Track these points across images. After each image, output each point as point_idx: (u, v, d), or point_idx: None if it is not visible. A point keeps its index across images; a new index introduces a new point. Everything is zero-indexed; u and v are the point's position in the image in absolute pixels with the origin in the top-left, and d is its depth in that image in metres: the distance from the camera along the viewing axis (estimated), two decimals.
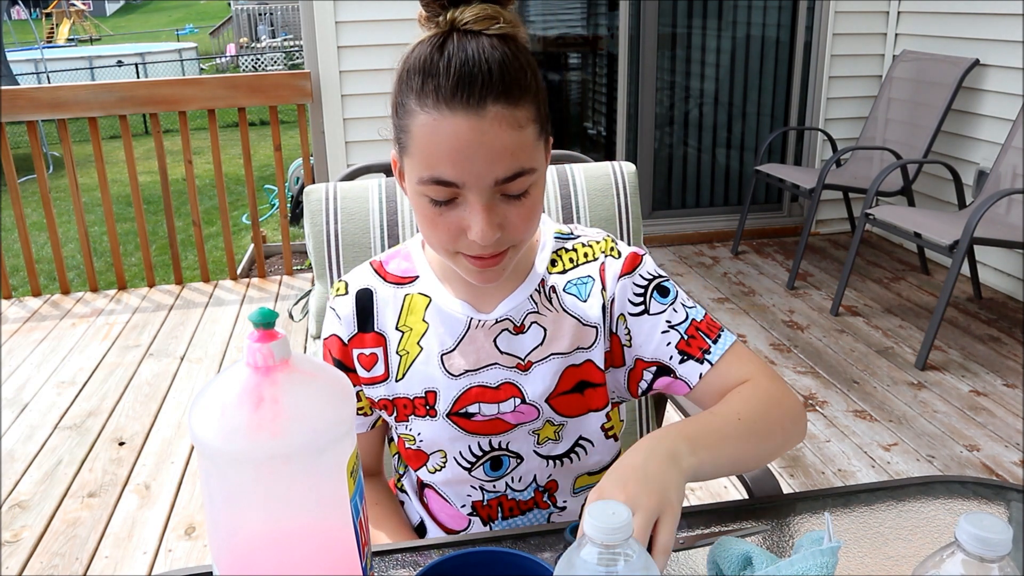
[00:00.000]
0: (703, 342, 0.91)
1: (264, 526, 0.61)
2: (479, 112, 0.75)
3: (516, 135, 0.77)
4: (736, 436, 0.82)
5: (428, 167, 0.78)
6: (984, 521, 0.55)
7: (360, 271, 0.98)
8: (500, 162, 0.77)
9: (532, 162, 0.79)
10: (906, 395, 2.76)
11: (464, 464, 0.94)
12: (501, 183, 0.78)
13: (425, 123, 0.77)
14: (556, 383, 0.92)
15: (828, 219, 4.52)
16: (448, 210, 0.80)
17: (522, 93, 0.77)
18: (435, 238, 0.83)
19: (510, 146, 0.77)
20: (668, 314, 0.92)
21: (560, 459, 0.95)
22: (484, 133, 0.75)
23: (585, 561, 0.56)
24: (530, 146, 0.79)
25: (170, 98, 3.77)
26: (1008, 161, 3.23)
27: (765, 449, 0.85)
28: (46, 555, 2.08)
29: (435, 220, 0.81)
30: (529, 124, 0.78)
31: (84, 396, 2.90)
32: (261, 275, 4.06)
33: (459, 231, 0.80)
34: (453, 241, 0.82)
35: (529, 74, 0.79)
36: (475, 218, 0.78)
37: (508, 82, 0.76)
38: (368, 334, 0.95)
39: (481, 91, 0.75)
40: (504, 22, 0.78)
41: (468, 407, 0.92)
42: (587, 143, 4.71)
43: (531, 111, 0.78)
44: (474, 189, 0.78)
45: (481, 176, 0.77)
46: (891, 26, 4.20)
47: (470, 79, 0.75)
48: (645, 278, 0.94)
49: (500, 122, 0.76)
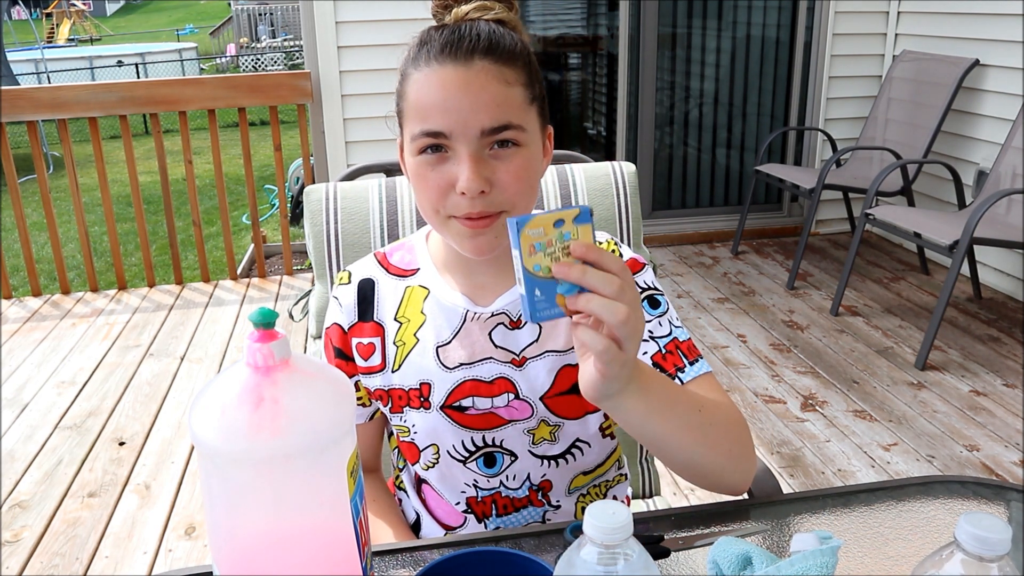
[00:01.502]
0: (679, 360, 0.90)
1: (264, 526, 0.61)
2: (467, 64, 0.80)
3: (503, 89, 0.81)
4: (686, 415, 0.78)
5: (419, 120, 0.82)
6: (984, 521, 0.55)
7: (364, 262, 1.00)
8: (486, 111, 0.80)
9: (520, 119, 0.82)
10: (906, 395, 2.76)
11: (457, 458, 0.94)
12: (488, 133, 0.81)
13: (417, 79, 0.82)
14: (552, 382, 0.92)
15: (828, 219, 4.52)
16: (438, 165, 0.82)
17: (510, 57, 0.82)
18: (426, 199, 0.85)
19: (496, 97, 0.80)
20: (652, 325, 0.92)
21: (556, 459, 0.95)
22: (470, 83, 0.80)
23: (585, 561, 0.56)
24: (518, 105, 0.82)
25: (170, 98, 3.77)
26: (1008, 161, 3.23)
27: (701, 450, 0.80)
28: (46, 555, 2.08)
29: (426, 177, 0.83)
30: (517, 85, 0.82)
31: (84, 396, 2.90)
32: (261, 275, 4.06)
33: (448, 186, 0.82)
34: (442, 199, 0.83)
35: (519, 46, 0.84)
36: (462, 167, 0.81)
37: (495, 43, 0.81)
38: (367, 323, 0.96)
39: (469, 46, 0.80)
40: (499, 11, 0.84)
41: (462, 400, 0.92)
42: (587, 143, 4.71)
43: (520, 75, 0.83)
44: (461, 139, 0.80)
45: (468, 124, 0.80)
46: (891, 26, 4.20)
47: (459, 38, 0.81)
48: (640, 287, 0.94)
49: (486, 74, 0.80)
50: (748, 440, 0.86)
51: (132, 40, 21.89)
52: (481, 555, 0.68)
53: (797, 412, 2.67)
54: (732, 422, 0.84)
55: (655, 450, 0.80)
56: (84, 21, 24.06)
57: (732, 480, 0.84)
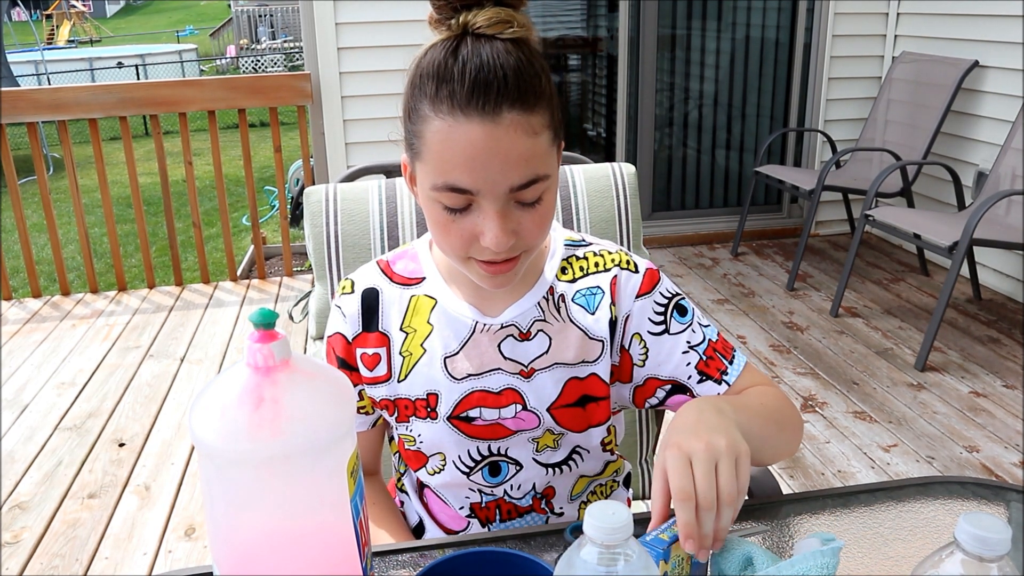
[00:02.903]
0: (720, 363, 0.93)
1: (264, 526, 0.61)
2: (495, 119, 0.74)
3: (531, 142, 0.76)
4: (762, 417, 0.85)
5: (442, 174, 0.77)
6: (983, 521, 0.55)
7: (366, 270, 0.97)
8: (515, 169, 0.76)
9: (546, 168, 0.79)
10: (906, 396, 2.76)
11: (463, 468, 0.94)
12: (516, 190, 0.77)
13: (439, 129, 0.76)
14: (559, 394, 0.92)
15: (828, 220, 4.53)
16: (462, 217, 0.79)
17: (537, 99, 0.76)
18: (448, 244, 0.82)
19: (525, 153, 0.76)
20: (687, 334, 0.93)
21: (558, 467, 0.95)
22: (499, 140, 0.75)
23: (585, 561, 0.56)
24: (544, 152, 0.78)
25: (170, 99, 3.78)
26: (1007, 162, 3.23)
27: (781, 439, 0.87)
28: (46, 556, 2.08)
29: (448, 226, 0.80)
30: (544, 130, 0.78)
31: (84, 397, 2.90)
32: (261, 276, 4.06)
33: (472, 237, 0.80)
34: (466, 247, 0.81)
35: (544, 79, 0.78)
36: (489, 225, 0.78)
37: (523, 88, 0.75)
38: (372, 334, 0.94)
39: (497, 98, 0.74)
40: (518, 26, 0.76)
41: (469, 411, 0.91)
42: (587, 144, 4.71)
43: (545, 117, 0.78)
44: (489, 196, 0.77)
45: (496, 183, 0.76)
46: (891, 28, 4.20)
47: (485, 85, 0.74)
48: (665, 296, 0.94)
49: (515, 129, 0.75)
50: (796, 410, 0.93)
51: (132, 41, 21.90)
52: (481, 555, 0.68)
53: None
54: (785, 403, 0.91)
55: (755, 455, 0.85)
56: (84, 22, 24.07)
57: (795, 447, 0.91)
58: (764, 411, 0.87)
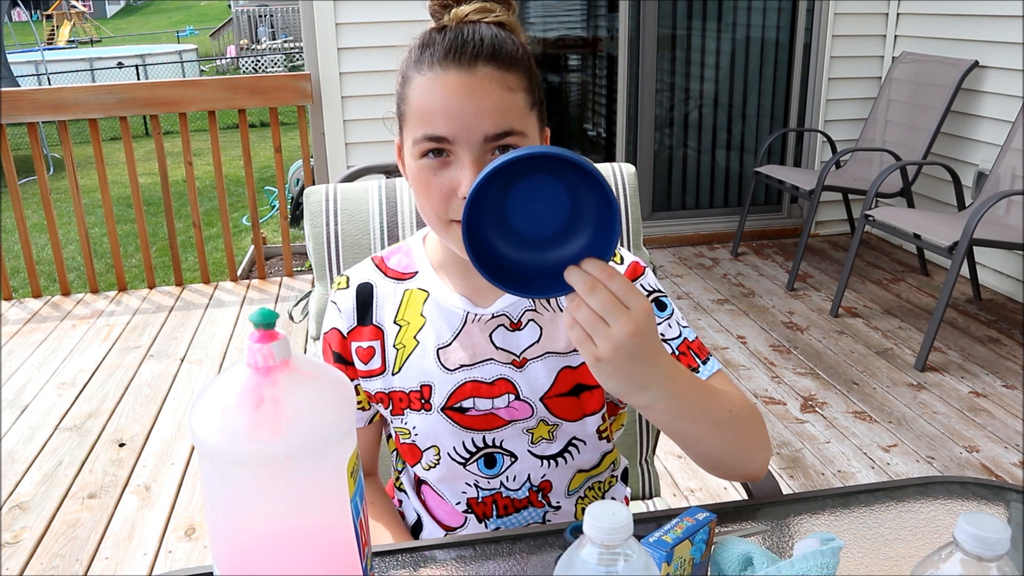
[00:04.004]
0: (692, 361, 0.92)
1: (264, 526, 0.61)
2: (470, 70, 0.80)
3: (505, 95, 0.81)
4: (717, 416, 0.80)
5: (422, 125, 0.82)
6: (983, 521, 0.55)
7: (362, 266, 1.00)
8: (489, 117, 0.80)
9: (522, 126, 0.83)
10: (906, 396, 2.76)
11: (458, 459, 0.94)
12: (491, 139, 0.81)
13: (420, 83, 0.82)
14: (552, 383, 0.92)
15: (828, 220, 4.53)
16: (441, 170, 0.82)
17: (512, 63, 0.82)
18: (428, 204, 0.85)
19: (499, 103, 0.81)
20: (663, 328, 0.93)
21: (554, 459, 0.96)
22: (474, 90, 0.80)
23: (585, 561, 0.56)
24: (520, 111, 0.83)
25: (170, 100, 3.78)
26: (1007, 162, 3.23)
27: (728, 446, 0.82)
28: (46, 556, 2.08)
29: (428, 182, 0.83)
30: (519, 91, 0.83)
31: (84, 397, 2.90)
32: (261, 276, 4.06)
33: (451, 192, 0.83)
34: (445, 204, 0.83)
35: (520, 51, 0.84)
36: (464, 173, 0.81)
37: (498, 49, 0.82)
38: (366, 327, 0.96)
39: (472, 52, 0.81)
40: (500, 13, 0.84)
41: (462, 402, 0.92)
42: (587, 144, 4.71)
43: (521, 81, 0.83)
44: (464, 144, 0.81)
45: (471, 130, 0.80)
46: (890, 28, 4.20)
47: (462, 43, 0.81)
48: (646, 289, 0.94)
49: (490, 81, 0.81)
50: (765, 430, 0.89)
51: (132, 42, 21.90)
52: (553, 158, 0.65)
53: (797, 413, 2.68)
54: (752, 416, 0.87)
55: (683, 446, 0.82)
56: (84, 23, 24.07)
57: (752, 469, 0.87)
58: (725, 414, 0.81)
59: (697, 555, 0.72)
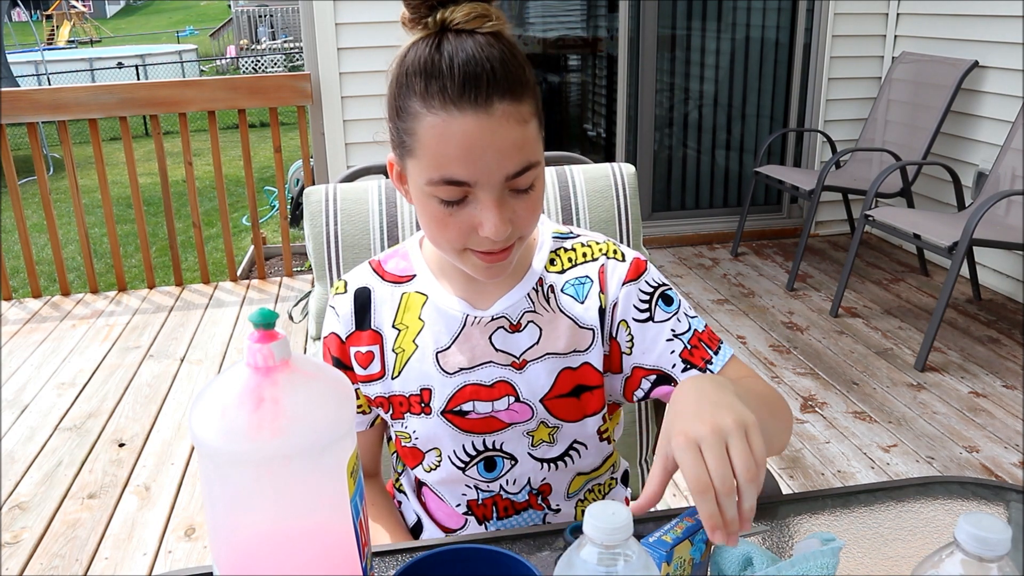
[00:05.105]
0: (705, 352, 0.92)
1: (264, 527, 0.61)
2: (488, 111, 0.76)
3: (522, 130, 0.78)
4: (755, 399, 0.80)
5: (438, 168, 0.78)
6: (983, 521, 0.55)
7: (359, 270, 0.99)
8: (509, 158, 0.78)
9: (536, 155, 0.81)
10: (905, 396, 2.76)
11: (458, 463, 0.94)
12: (511, 178, 0.79)
13: (433, 124, 0.77)
14: (552, 384, 0.92)
15: (827, 221, 4.53)
16: (458, 209, 0.80)
17: (523, 89, 0.79)
18: (444, 238, 0.83)
19: (517, 141, 0.78)
20: (672, 323, 0.93)
21: (554, 462, 0.95)
22: (494, 132, 0.76)
23: (585, 561, 0.56)
24: (533, 140, 0.81)
25: (170, 100, 3.78)
26: (1007, 163, 3.23)
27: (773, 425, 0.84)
28: (46, 556, 2.08)
29: (445, 220, 0.81)
30: (532, 118, 0.80)
31: (84, 397, 2.90)
32: (261, 276, 4.06)
33: (470, 229, 0.81)
34: (463, 239, 0.82)
35: (527, 69, 0.80)
36: (488, 215, 0.79)
37: (511, 79, 0.77)
38: (365, 332, 0.95)
39: (488, 90, 0.76)
40: (495, 19, 0.78)
41: (462, 405, 0.92)
42: (587, 145, 4.71)
43: (532, 105, 0.80)
44: (485, 187, 0.79)
45: (492, 173, 0.78)
46: (890, 28, 4.20)
47: (476, 79, 0.75)
48: (651, 285, 0.94)
49: (507, 119, 0.77)
50: (788, 408, 0.90)
51: (132, 42, 21.91)
52: (459, 553, 0.66)
53: (797, 413, 2.67)
54: (776, 395, 0.89)
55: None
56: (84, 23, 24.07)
57: (781, 444, 0.88)
58: (756, 395, 0.84)
59: (697, 555, 0.72)
